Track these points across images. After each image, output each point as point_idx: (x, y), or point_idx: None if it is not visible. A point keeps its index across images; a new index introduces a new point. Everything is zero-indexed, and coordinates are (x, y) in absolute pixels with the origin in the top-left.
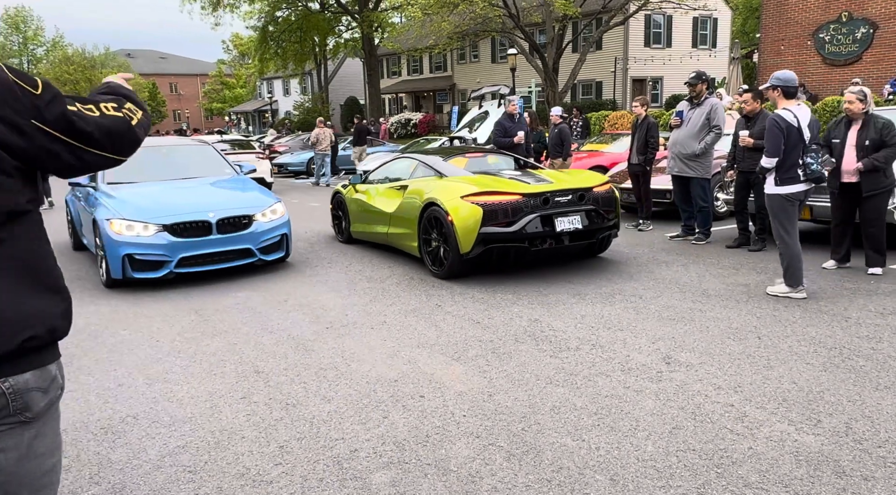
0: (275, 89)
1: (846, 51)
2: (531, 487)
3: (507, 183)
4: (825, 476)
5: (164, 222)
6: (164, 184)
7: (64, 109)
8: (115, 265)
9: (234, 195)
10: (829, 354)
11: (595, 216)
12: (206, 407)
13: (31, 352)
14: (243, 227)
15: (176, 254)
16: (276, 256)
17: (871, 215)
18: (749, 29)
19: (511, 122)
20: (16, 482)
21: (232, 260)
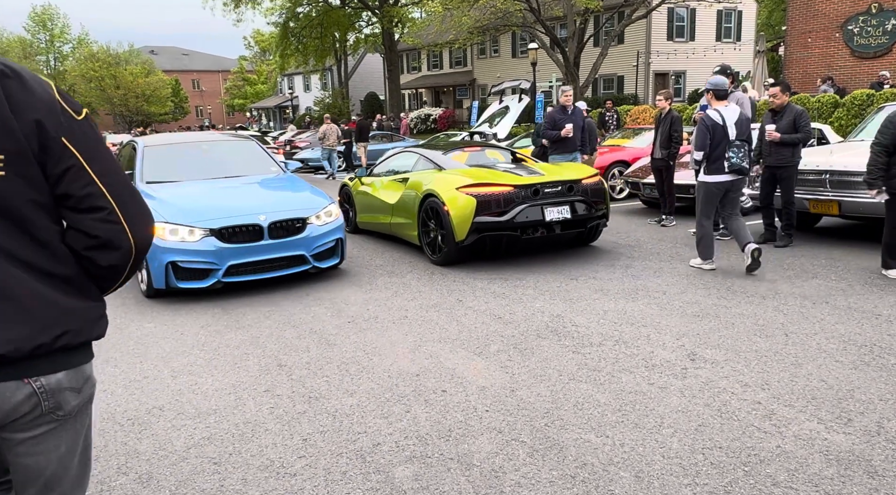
0: (295, 85)
1: (876, 43)
2: (555, 483)
3: (501, 175)
4: (857, 476)
5: (211, 226)
6: (207, 184)
7: (97, 139)
8: (158, 274)
9: (285, 195)
10: (859, 352)
11: (583, 206)
12: (231, 400)
13: (64, 351)
14: (296, 232)
15: (224, 261)
16: (331, 263)
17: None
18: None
19: (563, 114)
20: (56, 478)
21: (284, 268)
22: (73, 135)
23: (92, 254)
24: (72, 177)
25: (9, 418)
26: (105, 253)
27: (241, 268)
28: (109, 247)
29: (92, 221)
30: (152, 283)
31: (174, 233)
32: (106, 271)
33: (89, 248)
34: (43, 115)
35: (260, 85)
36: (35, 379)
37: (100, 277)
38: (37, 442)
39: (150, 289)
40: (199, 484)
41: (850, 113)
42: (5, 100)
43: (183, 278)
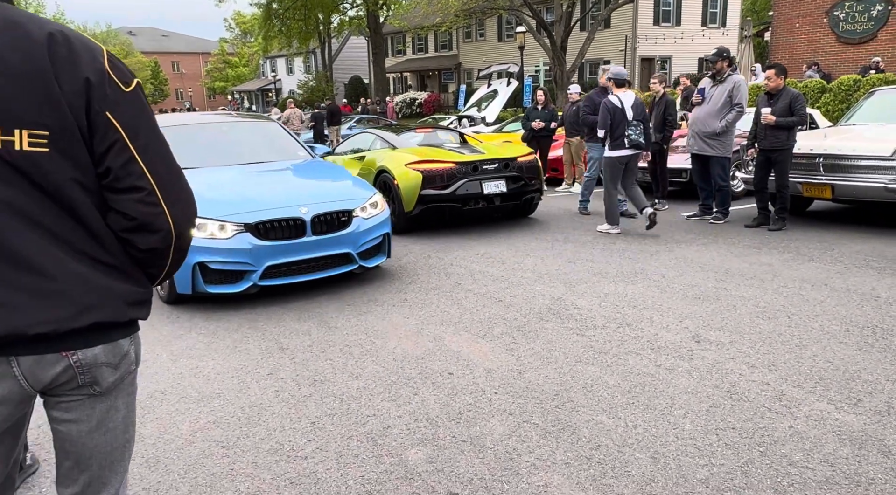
0: (278, 68)
1: (861, 29)
2: (571, 464)
3: (445, 153)
4: (871, 455)
5: (245, 220)
6: (233, 170)
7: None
8: (183, 276)
9: (326, 185)
10: (861, 333)
11: (518, 182)
12: (234, 384)
13: (101, 327)
14: (342, 226)
15: (262, 261)
16: (377, 261)
17: None
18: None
19: (604, 97)
20: (87, 454)
21: (327, 268)
22: (119, 110)
23: (130, 237)
24: (114, 155)
25: (49, 386)
26: (143, 235)
27: (281, 270)
28: (147, 230)
29: (130, 202)
30: (175, 288)
31: (202, 229)
32: (147, 255)
33: (127, 230)
34: (88, 86)
35: (242, 67)
36: (73, 353)
37: (143, 262)
38: (69, 408)
39: (171, 295)
40: (209, 467)
41: (837, 98)
42: (51, 69)
43: (213, 281)
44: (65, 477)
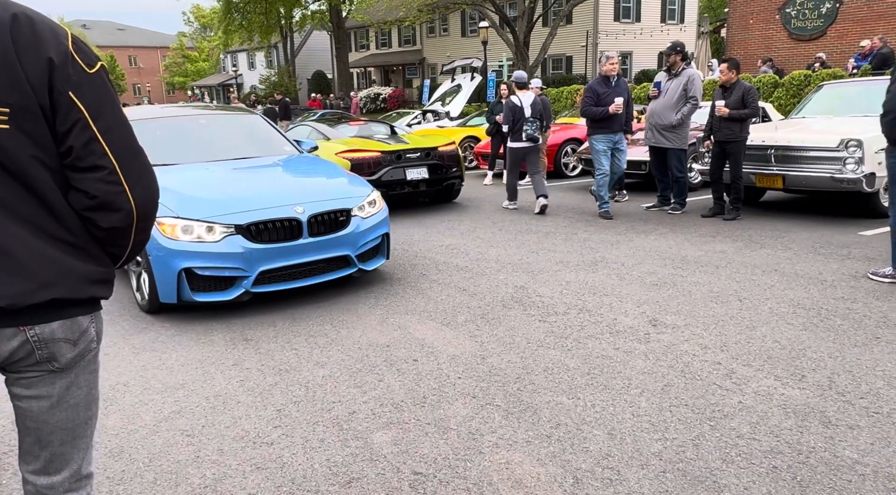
0: (239, 63)
1: (811, 26)
2: (531, 442)
3: (373, 143)
4: (813, 426)
5: (236, 221)
6: (218, 167)
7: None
8: (167, 284)
9: (320, 182)
10: (807, 315)
11: (439, 169)
12: (198, 374)
13: (60, 304)
14: (340, 227)
15: (255, 266)
16: (377, 264)
17: None
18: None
19: (606, 87)
20: (47, 430)
21: (325, 272)
22: (82, 90)
23: (92, 216)
24: (76, 134)
25: (7, 361)
26: (104, 214)
27: (275, 275)
28: (108, 209)
29: (91, 181)
30: (157, 296)
31: (187, 232)
32: (108, 234)
33: (88, 209)
34: (51, 67)
35: (202, 62)
36: (30, 328)
37: (104, 241)
38: (29, 385)
39: (152, 304)
40: (174, 455)
41: (789, 93)
42: (13, 49)
43: (200, 289)
44: (27, 453)
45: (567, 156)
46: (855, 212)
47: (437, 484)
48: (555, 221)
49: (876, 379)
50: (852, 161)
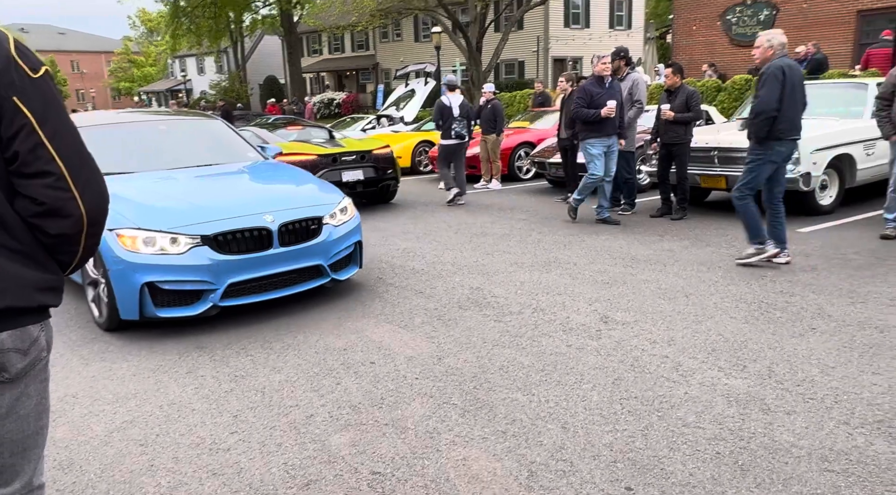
0: (188, 68)
1: (751, 32)
2: (488, 439)
3: (310, 147)
4: (753, 413)
5: (202, 232)
6: (181, 175)
7: (53, 99)
8: (128, 299)
9: (288, 189)
10: (749, 308)
11: (374, 171)
12: (151, 384)
13: (9, 313)
14: (312, 235)
15: (223, 279)
16: (350, 273)
17: None
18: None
19: (599, 88)
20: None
21: (296, 283)
22: (26, 95)
23: (39, 223)
24: (22, 139)
25: None
26: (53, 221)
27: (244, 287)
28: (57, 216)
29: (39, 187)
30: (118, 312)
31: (149, 244)
32: (57, 241)
33: (36, 216)
34: None
35: (148, 67)
36: None
37: (53, 248)
38: None
39: (112, 320)
40: (127, 465)
41: (732, 96)
42: None
43: (165, 304)
44: None
45: (521, 160)
46: (793, 211)
47: (395, 483)
48: (510, 223)
49: (811, 367)
50: (790, 163)
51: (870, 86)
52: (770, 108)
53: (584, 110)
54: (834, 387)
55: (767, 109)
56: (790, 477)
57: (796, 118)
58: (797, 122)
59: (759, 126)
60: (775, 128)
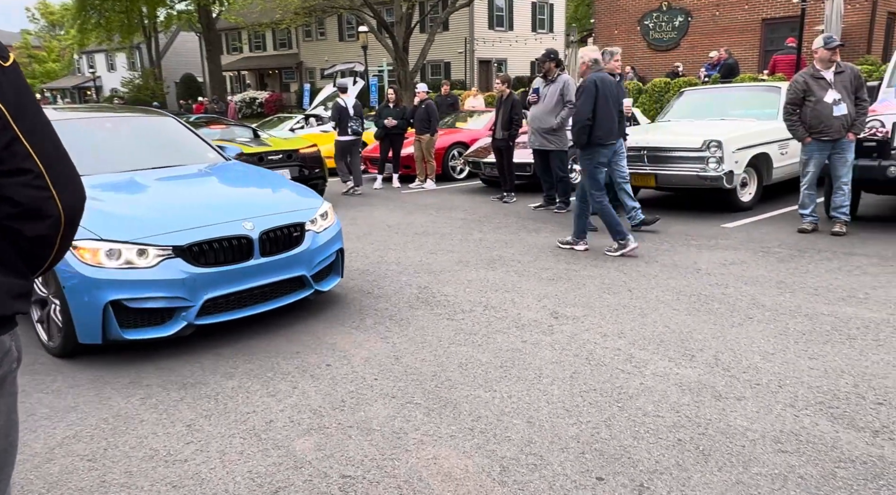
0: (97, 64)
1: (667, 37)
2: (455, 436)
3: (235, 146)
4: (706, 400)
5: (174, 242)
6: (140, 178)
7: (27, 91)
8: (89, 321)
9: (263, 193)
10: (689, 301)
11: (301, 171)
12: (91, 395)
13: None
14: (294, 243)
15: (199, 294)
16: (332, 283)
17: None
18: (580, 15)
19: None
20: None
21: (278, 296)
22: (1, 88)
23: (15, 225)
24: None
25: None
26: (30, 223)
27: (223, 303)
28: (35, 217)
29: (16, 186)
30: (75, 336)
31: (113, 256)
32: (33, 244)
33: (12, 217)
34: None
35: (52, 63)
36: None
37: (27, 252)
38: None
39: (66, 345)
40: (75, 482)
41: (652, 98)
42: None
43: (132, 324)
44: None
45: (454, 160)
46: (717, 207)
47: (367, 485)
48: (449, 223)
49: (753, 354)
50: (714, 160)
51: (782, 89)
52: (584, 117)
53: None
54: (776, 373)
55: (582, 119)
56: (749, 460)
57: (612, 125)
58: (613, 129)
59: (578, 134)
60: (594, 134)
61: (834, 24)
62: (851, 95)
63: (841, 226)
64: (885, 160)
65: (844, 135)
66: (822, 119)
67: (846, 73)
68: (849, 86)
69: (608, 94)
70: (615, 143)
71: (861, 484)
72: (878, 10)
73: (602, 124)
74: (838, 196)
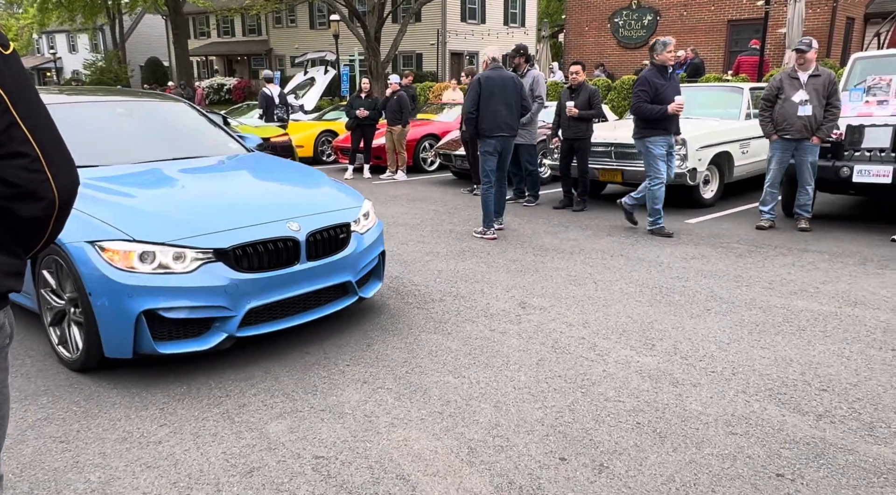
0: (58, 45)
1: (636, 35)
2: (425, 420)
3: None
4: (665, 386)
5: (215, 244)
6: (166, 170)
7: (25, 77)
8: (119, 333)
9: (305, 190)
10: (651, 293)
11: None
12: (62, 379)
13: None
14: (340, 247)
15: (242, 302)
16: (374, 289)
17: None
18: (552, 10)
19: (663, 79)
20: None
21: (323, 305)
22: (1, 74)
23: (10, 205)
24: None
25: None
26: (25, 204)
27: (265, 313)
28: (30, 199)
29: (13, 168)
30: (101, 349)
31: (147, 260)
32: (27, 225)
33: (8, 198)
34: None
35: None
36: None
37: (21, 233)
38: None
39: (89, 359)
40: (48, 463)
41: (621, 95)
42: None
43: (167, 337)
44: None
45: (425, 151)
46: (681, 204)
47: (339, 466)
48: (420, 214)
49: (710, 344)
50: (678, 157)
51: (744, 90)
52: (467, 110)
53: (647, 106)
54: (731, 361)
55: (465, 112)
56: (702, 441)
57: (497, 118)
58: (498, 121)
59: (466, 125)
60: (480, 127)
61: (796, 27)
62: (822, 100)
63: (805, 222)
64: (839, 161)
65: (807, 136)
66: (786, 117)
67: (822, 77)
68: (821, 90)
69: (494, 90)
70: (507, 135)
71: (803, 463)
72: (837, 15)
73: (485, 117)
74: (802, 195)
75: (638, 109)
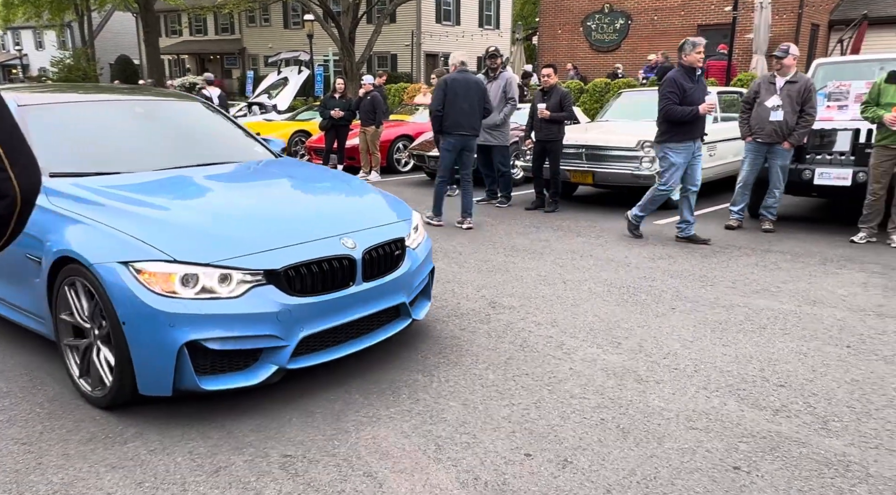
0: (23, 41)
1: (608, 39)
2: (394, 418)
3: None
4: (629, 383)
5: (265, 264)
6: (197, 177)
7: None
8: (159, 366)
9: (352, 201)
10: (619, 292)
11: None
12: (25, 381)
13: None
14: (394, 265)
15: (295, 330)
16: (424, 309)
17: None
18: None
19: (691, 81)
20: None
21: (375, 330)
22: None
23: None
24: None
25: None
26: None
27: (319, 341)
28: None
29: None
30: (134, 384)
31: (190, 283)
32: None
33: None
34: None
35: None
36: None
37: None
38: None
39: (118, 396)
40: (9, 465)
41: (593, 98)
42: None
43: (210, 370)
44: None
45: (399, 152)
46: None
47: (307, 464)
48: None
49: (674, 342)
50: (647, 159)
51: (713, 93)
52: (433, 108)
53: (677, 108)
54: (693, 359)
55: (431, 110)
56: (663, 436)
57: (459, 118)
58: (461, 121)
59: (433, 123)
60: (444, 124)
61: (762, 32)
62: (797, 106)
63: (770, 223)
64: (801, 164)
65: (778, 140)
66: (759, 120)
67: (797, 84)
68: (795, 96)
69: (458, 92)
70: (468, 134)
71: (759, 456)
72: (802, 22)
73: (449, 116)
74: (770, 198)
75: (668, 112)
